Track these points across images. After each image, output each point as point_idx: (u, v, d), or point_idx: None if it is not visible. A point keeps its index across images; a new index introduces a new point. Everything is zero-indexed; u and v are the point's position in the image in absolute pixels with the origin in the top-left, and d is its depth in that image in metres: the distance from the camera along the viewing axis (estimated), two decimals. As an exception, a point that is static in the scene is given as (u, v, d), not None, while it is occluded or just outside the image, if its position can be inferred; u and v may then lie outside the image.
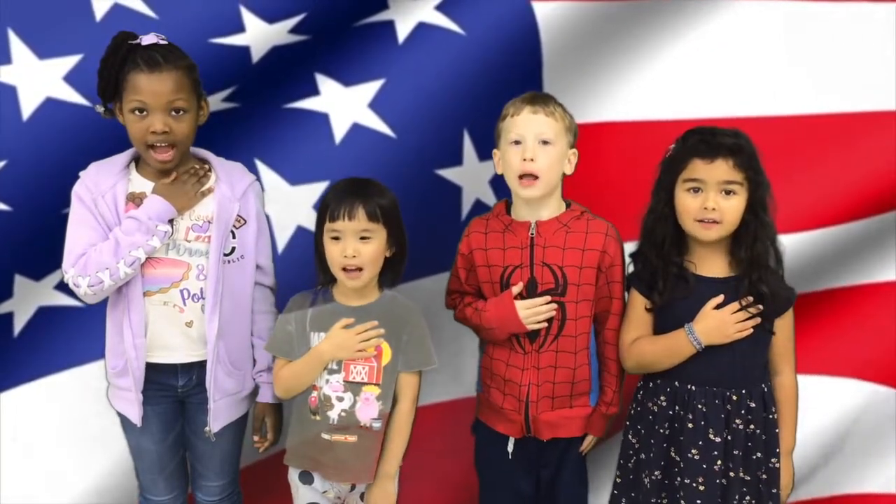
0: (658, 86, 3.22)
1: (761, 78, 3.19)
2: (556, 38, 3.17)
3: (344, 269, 2.49)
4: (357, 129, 3.12)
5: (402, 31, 3.13)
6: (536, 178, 2.58)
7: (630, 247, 2.69)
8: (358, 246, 2.48)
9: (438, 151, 3.21)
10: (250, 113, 3.09)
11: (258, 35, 3.11)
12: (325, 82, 3.14)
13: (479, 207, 3.15)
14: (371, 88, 3.15)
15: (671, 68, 3.22)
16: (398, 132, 3.14)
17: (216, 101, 3.02)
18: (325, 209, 2.52)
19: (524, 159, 2.57)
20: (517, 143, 2.61)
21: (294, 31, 3.14)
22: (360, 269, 2.49)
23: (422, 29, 3.13)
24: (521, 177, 2.59)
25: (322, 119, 3.11)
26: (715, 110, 3.15)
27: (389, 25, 3.14)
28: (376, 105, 3.14)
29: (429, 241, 2.87)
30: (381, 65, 3.15)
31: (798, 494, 3.07)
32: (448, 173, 3.22)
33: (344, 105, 3.13)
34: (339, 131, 3.11)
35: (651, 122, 3.22)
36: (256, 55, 3.12)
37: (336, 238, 2.50)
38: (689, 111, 3.15)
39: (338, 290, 2.58)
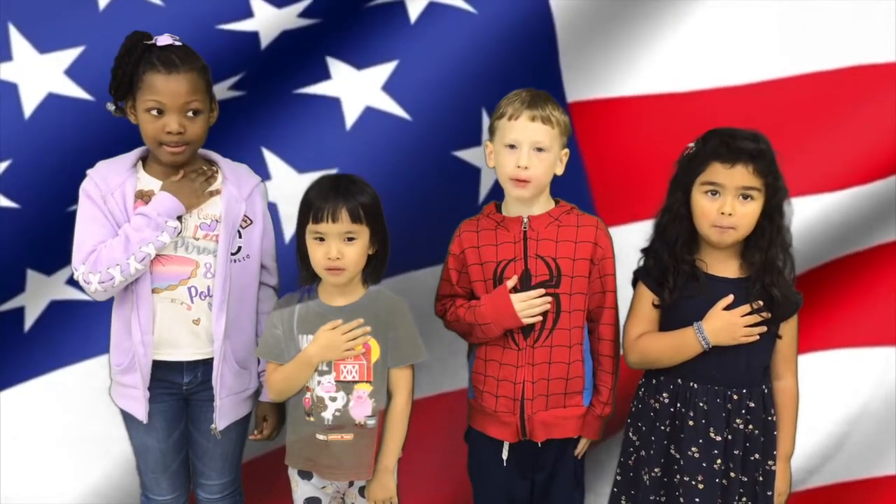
0: (674, 57, 3.32)
1: (766, 41, 3.32)
2: (569, 16, 3.26)
3: (327, 269, 2.60)
4: (370, 113, 3.23)
5: (414, 11, 3.24)
6: (528, 181, 2.70)
7: (639, 227, 2.80)
8: (342, 247, 2.59)
9: (455, 132, 3.32)
10: (258, 100, 3.22)
11: (267, 20, 3.24)
12: (336, 66, 3.26)
13: (498, 189, 3.21)
14: (384, 70, 3.26)
15: (686, 38, 3.32)
16: (413, 114, 3.25)
17: (222, 90, 3.14)
18: (308, 209, 2.62)
19: (518, 166, 2.69)
20: (512, 146, 2.72)
21: (303, 14, 3.27)
22: (342, 269, 2.60)
23: (433, 8, 3.23)
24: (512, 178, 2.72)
25: (333, 104, 3.22)
26: (729, 78, 3.29)
27: (400, 6, 3.24)
28: (390, 87, 3.25)
29: (446, 224, 2.94)
30: (394, 46, 3.25)
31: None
32: (466, 154, 3.32)
33: (356, 88, 3.24)
34: (351, 116, 3.22)
35: (668, 94, 3.33)
36: (265, 40, 3.25)
37: (319, 239, 2.60)
38: (704, 81, 3.30)
39: (323, 289, 2.70)
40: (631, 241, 2.84)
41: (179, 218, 2.67)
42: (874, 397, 3.30)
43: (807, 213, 3.18)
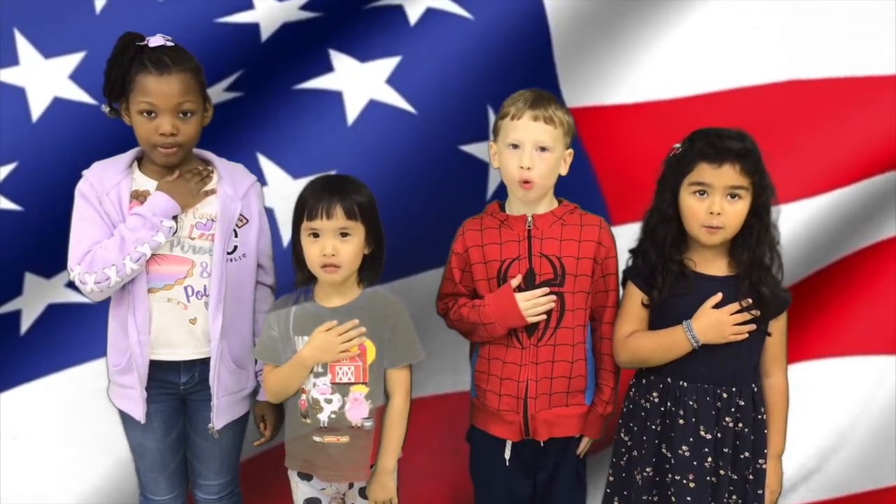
0: (669, 63, 3.33)
1: (763, 46, 3.33)
2: (564, 22, 3.27)
3: (323, 267, 2.60)
4: (374, 107, 3.22)
5: (413, 15, 3.24)
6: (532, 182, 2.70)
7: (629, 229, 2.81)
8: (337, 244, 2.58)
9: (462, 126, 3.30)
10: (255, 101, 3.22)
11: (267, 12, 3.23)
12: (339, 58, 3.27)
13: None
14: (388, 65, 3.26)
15: (680, 44, 3.34)
16: (418, 108, 3.25)
17: (217, 93, 3.14)
18: (303, 207, 2.62)
19: (521, 166, 2.68)
20: (515, 146, 2.71)
21: (305, 8, 3.26)
22: (338, 267, 2.60)
23: (431, 14, 3.24)
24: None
25: (335, 98, 3.21)
26: (722, 83, 3.32)
27: (399, 10, 3.25)
28: (394, 81, 3.25)
29: (454, 222, 2.93)
30: (396, 43, 3.26)
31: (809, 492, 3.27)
32: (473, 149, 3.31)
33: (360, 81, 3.24)
34: (353, 111, 3.22)
35: (664, 101, 3.34)
36: (266, 32, 3.25)
37: (314, 236, 2.60)
38: (698, 87, 3.33)
39: (319, 290, 2.70)
40: None
41: (175, 217, 2.67)
42: (872, 405, 3.30)
43: (798, 218, 3.21)
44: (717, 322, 2.62)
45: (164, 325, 2.70)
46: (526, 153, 2.68)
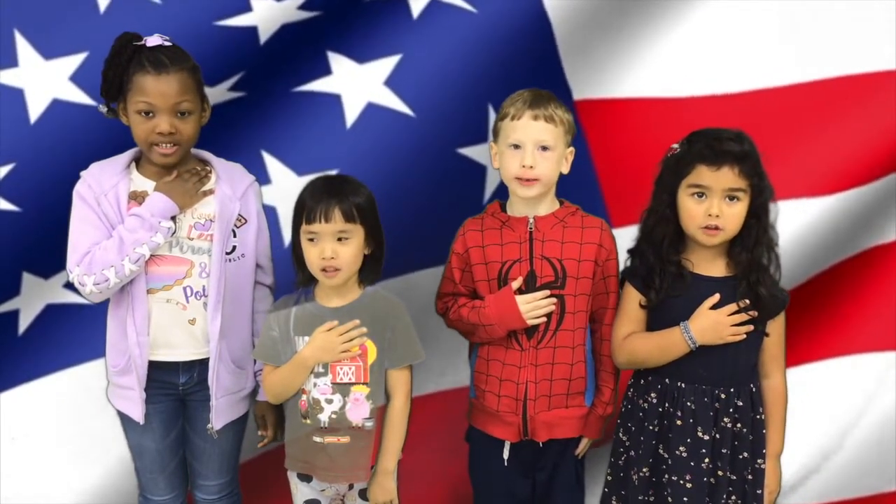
0: (669, 62, 3.34)
1: (763, 46, 3.33)
2: (565, 17, 3.27)
3: (323, 270, 2.60)
4: (372, 110, 3.23)
5: (416, 7, 3.24)
6: (535, 179, 2.69)
7: (628, 232, 2.81)
8: (336, 247, 2.58)
9: (460, 129, 3.31)
10: (257, 101, 3.22)
11: (266, 14, 3.24)
12: (337, 60, 3.26)
13: (504, 187, 3.19)
14: (387, 64, 3.26)
15: (679, 44, 3.34)
16: (417, 110, 3.25)
17: (221, 92, 3.16)
18: (301, 209, 2.62)
19: (523, 165, 2.68)
20: (516, 146, 2.71)
21: (303, 7, 3.24)
22: (338, 269, 2.59)
23: (434, 6, 3.23)
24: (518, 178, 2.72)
25: (334, 101, 3.22)
26: (722, 83, 3.33)
27: (402, 1, 3.24)
28: (393, 82, 3.25)
29: (451, 223, 2.93)
30: (397, 39, 3.26)
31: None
32: (471, 152, 3.31)
33: (358, 84, 3.24)
34: (352, 113, 3.23)
35: (664, 99, 3.35)
36: (264, 35, 3.25)
37: (313, 240, 2.59)
38: (698, 88, 3.33)
39: (319, 290, 2.70)
40: None
41: (173, 218, 2.68)
42: (874, 404, 3.31)
43: (802, 219, 3.21)
44: (714, 323, 2.62)
45: (163, 326, 2.71)
46: (528, 153, 2.68)
